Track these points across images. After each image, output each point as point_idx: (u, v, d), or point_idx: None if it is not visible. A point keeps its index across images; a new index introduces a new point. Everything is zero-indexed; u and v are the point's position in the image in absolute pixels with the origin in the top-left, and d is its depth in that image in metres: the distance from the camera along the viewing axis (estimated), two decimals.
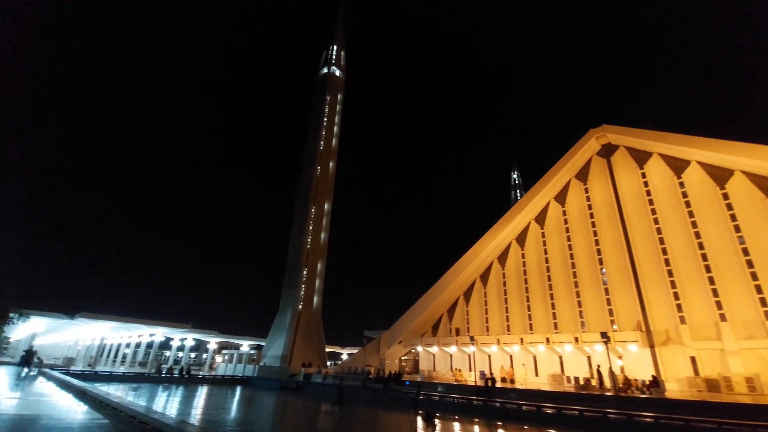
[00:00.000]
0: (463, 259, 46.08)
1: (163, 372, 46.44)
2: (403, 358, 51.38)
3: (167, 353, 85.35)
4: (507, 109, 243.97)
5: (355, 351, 66.34)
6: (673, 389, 28.94)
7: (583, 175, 42.80)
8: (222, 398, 30.83)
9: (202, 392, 34.73)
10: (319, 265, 62.66)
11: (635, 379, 28.59)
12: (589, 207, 41.21)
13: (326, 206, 67.11)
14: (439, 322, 48.94)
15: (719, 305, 30.32)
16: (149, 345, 65.98)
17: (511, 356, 39.59)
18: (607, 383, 28.17)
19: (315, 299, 60.54)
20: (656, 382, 26.79)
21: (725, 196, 32.60)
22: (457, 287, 47.57)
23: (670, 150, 36.27)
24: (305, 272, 60.50)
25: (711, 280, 31.28)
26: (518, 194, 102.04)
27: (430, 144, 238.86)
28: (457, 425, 21.64)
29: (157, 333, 59.87)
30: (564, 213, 43.05)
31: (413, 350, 48.77)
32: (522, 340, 37.72)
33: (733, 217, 31.71)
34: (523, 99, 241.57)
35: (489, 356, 41.17)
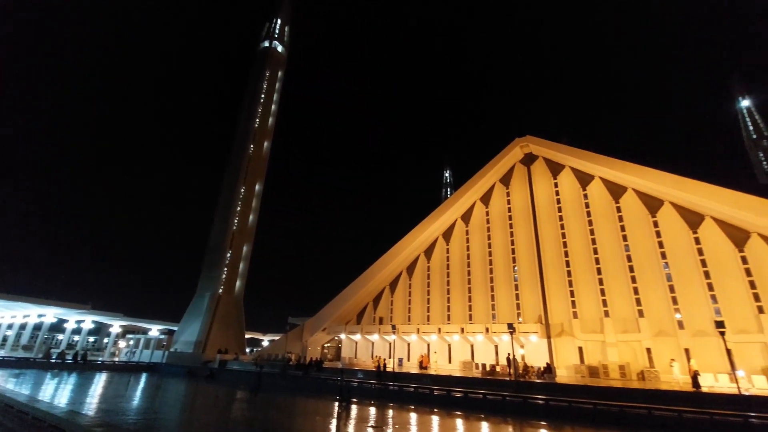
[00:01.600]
0: (392, 250, 47.39)
1: (53, 357, 41.38)
2: (326, 345, 51.64)
3: (60, 336, 75.98)
4: (447, 111, 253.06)
5: (277, 338, 65.05)
6: (563, 375, 32.98)
7: (506, 179, 46.24)
8: (123, 386, 28.40)
9: (100, 379, 31.66)
10: (245, 248, 60.06)
11: (532, 366, 32.07)
12: (509, 210, 44.75)
13: (257, 187, 64.33)
14: (364, 310, 49.93)
15: (605, 303, 35.06)
16: (37, 327, 58.15)
17: (428, 344, 41.87)
18: (511, 370, 31.23)
19: (237, 283, 58.03)
20: (549, 369, 30.31)
21: (618, 209, 37.54)
22: (385, 278, 48.88)
23: (580, 165, 40.67)
24: (229, 254, 57.61)
25: (600, 282, 35.99)
26: (449, 192, 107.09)
27: (371, 136, 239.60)
28: (372, 410, 22.44)
29: (48, 314, 53.00)
30: (487, 214, 46.23)
31: (336, 338, 49.24)
32: (440, 329, 40.08)
33: (623, 228, 36.69)
34: (463, 103, 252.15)
35: (408, 344, 43.10)
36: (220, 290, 55.36)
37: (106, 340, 75.56)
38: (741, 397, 19.45)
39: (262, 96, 69.14)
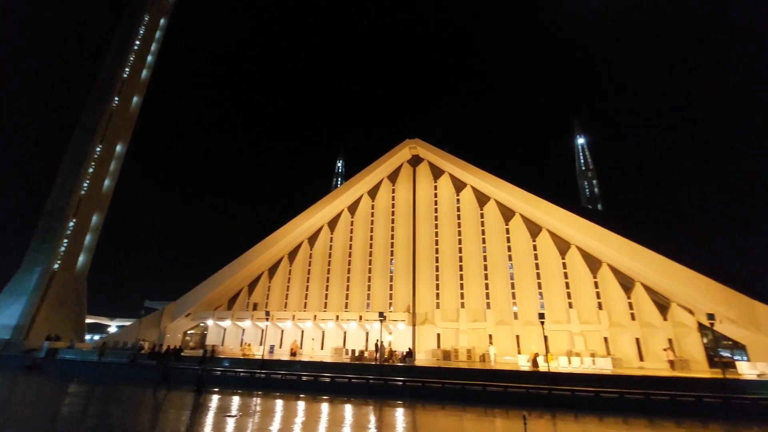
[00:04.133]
0: (275, 234, 45.93)
1: None
2: (189, 332, 47.44)
3: None
4: (350, 98, 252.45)
5: (129, 323, 57.10)
6: (422, 358, 36.74)
7: (393, 177, 48.88)
8: None
9: None
10: (95, 218, 51.06)
11: (396, 351, 34.95)
12: (393, 206, 47.48)
13: (119, 148, 55.12)
14: (237, 296, 47.36)
15: (462, 296, 40.10)
16: None
17: (302, 331, 41.99)
18: (378, 355, 33.47)
19: (81, 258, 49.13)
20: (411, 354, 33.45)
21: (482, 216, 43.15)
22: (264, 262, 47.11)
23: (457, 172, 45.40)
24: (72, 223, 48.26)
25: (461, 277, 40.98)
26: (339, 182, 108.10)
27: (264, 114, 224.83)
28: (235, 399, 21.66)
29: None
30: (372, 207, 48.22)
31: (202, 324, 45.66)
32: (315, 317, 40.54)
33: (483, 232, 42.33)
34: (367, 96, 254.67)
35: (282, 331, 42.53)
36: (56, 265, 46.08)
37: None
38: (549, 374, 24.58)
39: (137, 43, 59.17)
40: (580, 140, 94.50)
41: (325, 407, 20.19)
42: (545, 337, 32.28)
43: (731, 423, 17.63)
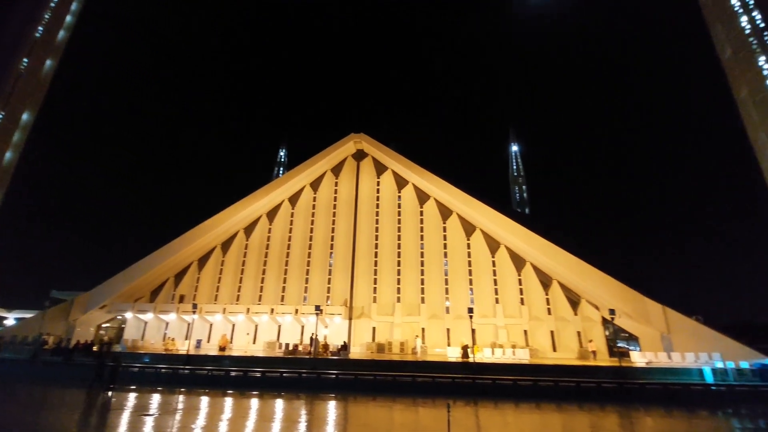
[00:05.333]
0: (207, 223, 43.36)
1: None
2: (104, 325, 43.29)
3: None
4: (299, 85, 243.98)
5: (30, 315, 50.57)
6: (356, 352, 37.14)
7: (337, 170, 48.52)
8: None
9: None
10: None
11: (331, 345, 35.00)
12: (335, 199, 47.17)
13: (25, 116, 48.45)
14: (162, 287, 44.10)
15: (399, 291, 41.17)
16: None
17: (234, 325, 40.33)
18: (312, 349, 33.22)
19: None
20: (345, 347, 33.71)
21: (421, 213, 44.52)
22: (193, 252, 44.33)
23: (399, 170, 46.26)
24: None
25: (398, 272, 42.02)
26: (281, 172, 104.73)
27: (205, 91, 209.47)
28: (156, 396, 20.33)
29: None
30: (314, 199, 47.51)
31: (120, 317, 41.92)
32: (248, 310, 39.13)
33: (422, 230, 43.72)
34: (312, 86, 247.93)
35: (211, 325, 40.50)
36: None
37: None
38: (474, 365, 26.21)
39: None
40: (514, 147, 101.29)
41: (254, 403, 19.71)
42: (473, 330, 34.32)
43: (624, 405, 20.23)
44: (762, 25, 38.34)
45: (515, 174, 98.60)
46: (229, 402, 19.62)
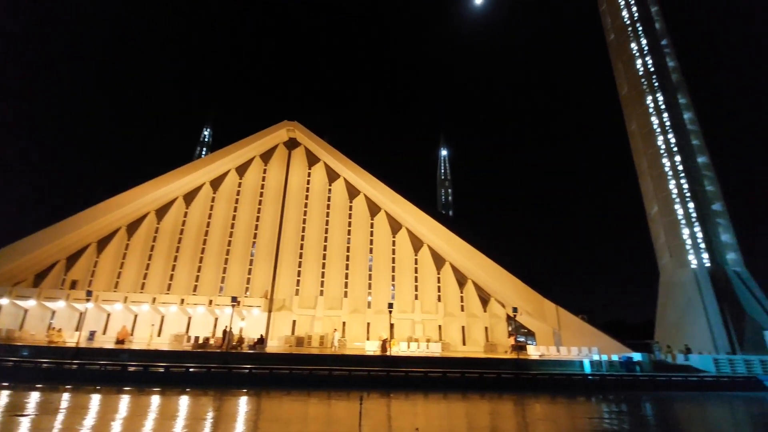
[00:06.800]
0: (111, 201, 38.81)
1: None
2: None
3: None
4: (237, 63, 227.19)
5: None
6: (274, 345, 36.19)
7: (267, 157, 46.51)
8: None
9: None
10: None
11: (247, 338, 33.61)
12: (263, 187, 45.22)
13: None
14: (49, 270, 38.48)
15: (322, 284, 40.92)
16: None
17: (136, 315, 36.74)
18: (225, 342, 31.57)
19: None
20: (262, 340, 32.62)
21: (350, 208, 44.65)
22: (92, 232, 39.37)
23: (331, 163, 45.83)
24: None
25: (323, 266, 41.74)
26: (204, 152, 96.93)
27: (128, 56, 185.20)
28: (34, 394, 17.77)
29: None
30: (240, 185, 45.03)
31: None
32: (155, 299, 35.90)
33: (350, 224, 43.91)
34: (247, 69, 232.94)
35: (109, 315, 36.43)
36: None
37: None
38: (389, 358, 27.10)
39: None
40: (443, 152, 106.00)
41: (154, 400, 18.24)
42: (392, 325, 35.51)
43: (518, 393, 22.55)
44: (652, 69, 44.91)
45: (443, 177, 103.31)
46: (124, 400, 17.91)
